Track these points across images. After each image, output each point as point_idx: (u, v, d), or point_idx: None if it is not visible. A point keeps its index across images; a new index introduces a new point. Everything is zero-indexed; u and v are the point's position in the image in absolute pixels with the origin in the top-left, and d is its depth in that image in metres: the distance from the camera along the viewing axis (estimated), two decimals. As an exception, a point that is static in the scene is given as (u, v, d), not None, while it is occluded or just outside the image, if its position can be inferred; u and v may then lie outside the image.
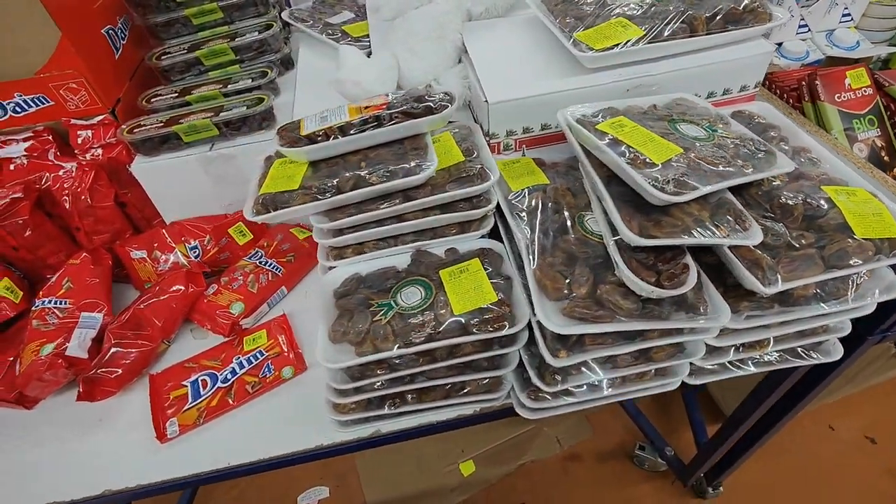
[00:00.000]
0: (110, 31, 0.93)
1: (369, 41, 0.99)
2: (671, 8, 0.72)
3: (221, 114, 0.85)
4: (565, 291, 0.57)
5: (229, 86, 0.92)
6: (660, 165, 0.51)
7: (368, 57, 0.84)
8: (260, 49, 0.97)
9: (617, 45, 0.67)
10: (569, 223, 0.63)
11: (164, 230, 0.91)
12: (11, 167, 0.88)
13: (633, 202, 0.55)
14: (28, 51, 0.80)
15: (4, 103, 0.86)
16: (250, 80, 0.93)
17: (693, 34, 0.69)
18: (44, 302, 0.79)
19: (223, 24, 0.99)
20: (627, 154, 0.52)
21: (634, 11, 0.73)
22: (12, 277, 0.82)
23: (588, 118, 0.60)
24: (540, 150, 0.76)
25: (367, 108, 0.65)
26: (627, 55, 0.68)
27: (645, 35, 0.68)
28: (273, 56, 0.98)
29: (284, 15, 1.07)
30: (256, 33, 0.96)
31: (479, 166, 0.65)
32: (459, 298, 0.60)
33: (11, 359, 0.76)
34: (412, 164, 0.62)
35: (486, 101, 0.69)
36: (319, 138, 0.63)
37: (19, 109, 0.86)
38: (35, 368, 0.73)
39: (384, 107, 0.65)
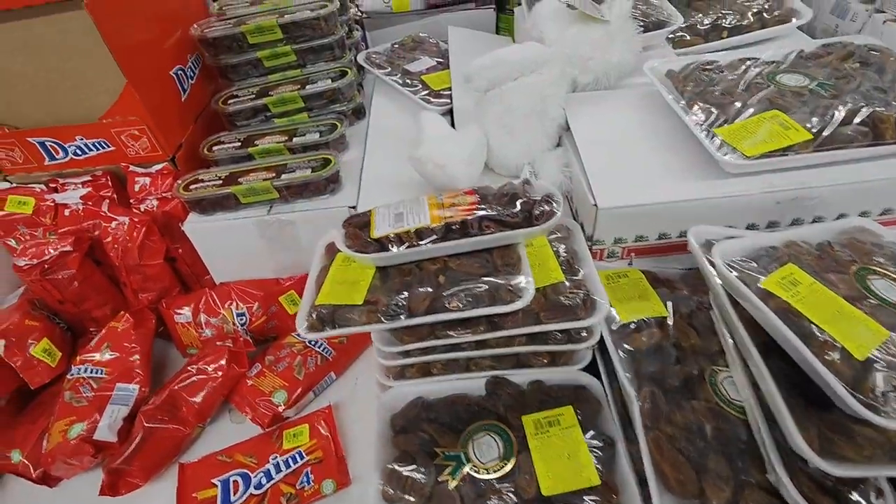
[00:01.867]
0: (179, 72, 0.88)
1: (450, 94, 0.88)
2: (840, 99, 0.56)
3: (284, 175, 0.76)
4: (692, 488, 0.43)
5: (295, 139, 0.84)
6: (861, 360, 0.37)
7: (442, 116, 0.74)
8: (331, 97, 0.89)
9: (776, 151, 0.53)
10: (696, 379, 0.49)
11: (212, 292, 0.83)
12: (66, 213, 0.83)
13: (802, 389, 0.40)
14: (92, 96, 0.75)
15: (66, 146, 0.81)
16: (318, 135, 0.84)
17: (878, 141, 0.53)
18: (80, 370, 0.73)
19: (296, 66, 0.91)
20: (812, 338, 0.38)
21: (790, 100, 0.58)
22: (53, 336, 0.77)
23: (742, 264, 0.46)
24: (651, 259, 0.62)
25: (451, 206, 0.54)
26: (787, 163, 0.54)
27: (813, 139, 0.53)
28: (345, 105, 0.90)
29: (360, 58, 0.98)
30: (329, 81, 0.87)
31: (584, 292, 0.52)
32: (549, 469, 0.47)
33: (40, 431, 0.70)
34: (502, 286, 0.50)
35: (596, 204, 0.56)
36: (393, 245, 0.52)
37: (80, 153, 0.82)
38: (61, 450, 0.66)
39: (473, 208, 0.53)
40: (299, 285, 0.84)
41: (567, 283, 0.53)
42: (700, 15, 0.84)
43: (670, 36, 0.80)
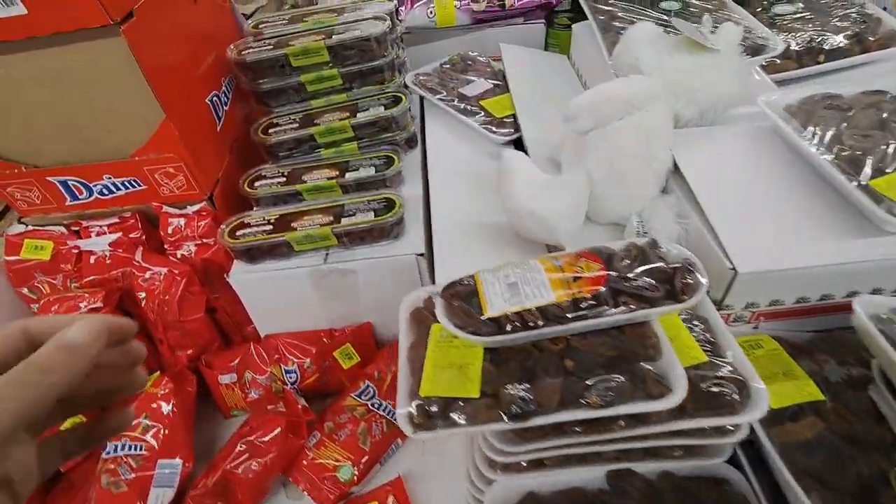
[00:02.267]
0: (214, 99, 0.79)
1: (514, 122, 0.81)
2: None
3: (343, 220, 0.68)
4: None
5: (347, 174, 0.75)
6: None
7: (525, 155, 0.66)
8: (384, 126, 0.80)
9: (955, 212, 0.46)
10: (876, 481, 0.42)
11: (258, 347, 0.75)
12: (92, 260, 0.74)
13: None
14: (126, 131, 0.66)
15: (91, 185, 0.72)
16: (373, 170, 0.75)
17: None
18: (116, 447, 0.64)
19: (341, 90, 0.82)
20: None
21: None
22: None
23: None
24: (781, 322, 0.55)
25: (574, 277, 0.46)
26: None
27: None
28: (397, 134, 0.81)
29: (408, 80, 0.90)
30: (382, 108, 0.79)
31: (736, 377, 0.45)
32: None
33: (73, 520, 0.61)
34: (648, 376, 0.42)
35: (734, 268, 0.49)
36: (515, 326, 0.44)
37: (106, 192, 0.72)
38: (101, 548, 0.57)
39: (602, 280, 0.45)
40: (355, 337, 0.75)
41: (713, 368, 0.45)
42: (788, 36, 0.77)
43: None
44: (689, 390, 0.44)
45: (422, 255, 0.67)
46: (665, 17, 0.75)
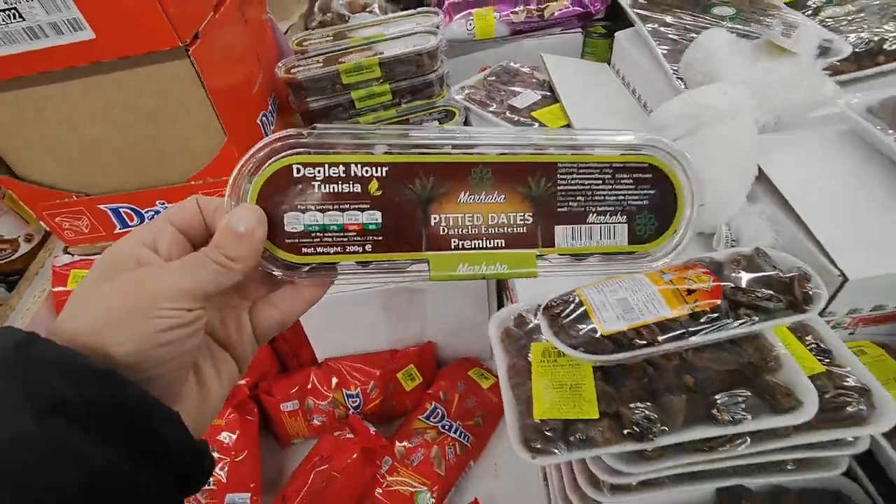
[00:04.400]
0: (263, 119, 0.77)
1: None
2: None
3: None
4: None
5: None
6: None
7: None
8: (436, 141, 0.79)
9: None
10: None
11: (318, 371, 0.72)
12: (144, 288, 0.71)
13: None
14: (187, 157, 0.64)
15: (143, 211, 0.70)
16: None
17: None
18: (185, 484, 0.61)
19: (390, 106, 0.81)
20: None
21: None
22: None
23: None
24: (877, 327, 0.54)
25: (687, 290, 0.45)
26: None
27: None
28: (450, 149, 0.80)
29: (456, 93, 0.89)
30: (436, 123, 0.78)
31: (860, 387, 0.43)
32: None
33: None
34: (777, 390, 0.41)
35: (842, 275, 0.48)
36: (636, 343, 0.42)
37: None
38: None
39: (717, 293, 0.44)
40: (418, 358, 0.73)
41: (829, 376, 0.44)
42: (844, 37, 0.76)
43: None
44: (815, 403, 0.42)
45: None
46: (721, 23, 0.75)
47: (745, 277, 0.45)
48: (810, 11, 0.80)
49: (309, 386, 0.71)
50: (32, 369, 0.20)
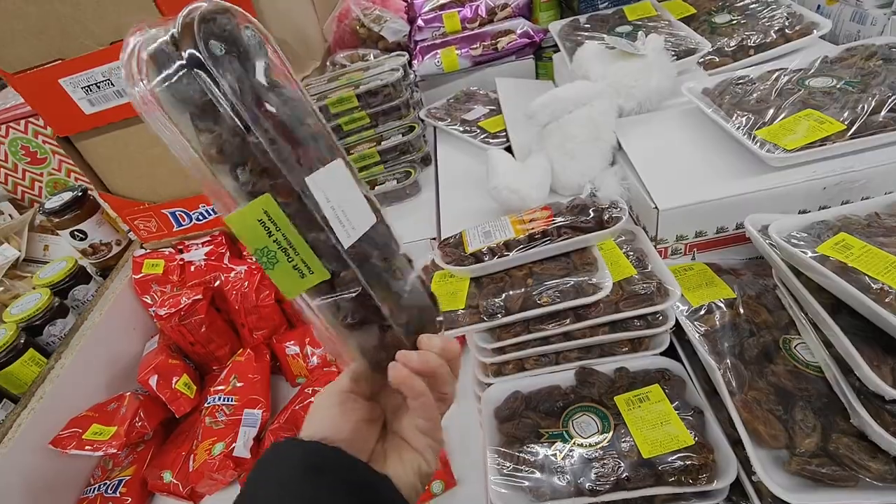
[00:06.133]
0: (276, 143, 1.04)
1: (505, 134, 1.00)
2: (868, 93, 0.63)
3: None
4: (784, 440, 0.48)
5: (377, 188, 0.97)
6: (917, 301, 0.42)
7: (507, 152, 0.85)
8: (403, 150, 1.03)
9: (813, 143, 0.60)
10: (771, 348, 0.55)
11: (315, 326, 0.95)
12: (192, 269, 0.98)
13: (874, 338, 0.46)
14: (215, 169, 0.91)
15: (191, 213, 0.97)
16: (396, 182, 0.97)
17: (909, 123, 0.59)
18: (215, 399, 0.84)
19: (369, 127, 1.06)
20: (870, 287, 0.44)
21: (821, 99, 0.66)
22: (189, 372, 0.90)
23: (798, 236, 0.53)
24: (713, 253, 0.69)
25: (530, 220, 0.64)
26: (825, 152, 0.61)
27: (847, 129, 0.60)
28: (415, 155, 1.03)
29: (422, 114, 1.12)
30: (400, 136, 1.01)
31: (657, 281, 0.59)
32: (645, 437, 0.53)
33: (184, 454, 0.81)
34: (584, 282, 0.58)
35: (656, 207, 0.64)
36: (486, 257, 0.62)
37: (202, 218, 0.98)
38: (208, 467, 0.77)
39: (550, 220, 0.63)
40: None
41: (639, 276, 0.61)
42: (725, 38, 0.93)
43: (700, 60, 0.89)
44: (620, 293, 0.59)
45: (434, 238, 0.86)
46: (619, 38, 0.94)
47: (573, 212, 0.63)
48: (702, 20, 0.98)
49: (307, 338, 0.94)
50: None
